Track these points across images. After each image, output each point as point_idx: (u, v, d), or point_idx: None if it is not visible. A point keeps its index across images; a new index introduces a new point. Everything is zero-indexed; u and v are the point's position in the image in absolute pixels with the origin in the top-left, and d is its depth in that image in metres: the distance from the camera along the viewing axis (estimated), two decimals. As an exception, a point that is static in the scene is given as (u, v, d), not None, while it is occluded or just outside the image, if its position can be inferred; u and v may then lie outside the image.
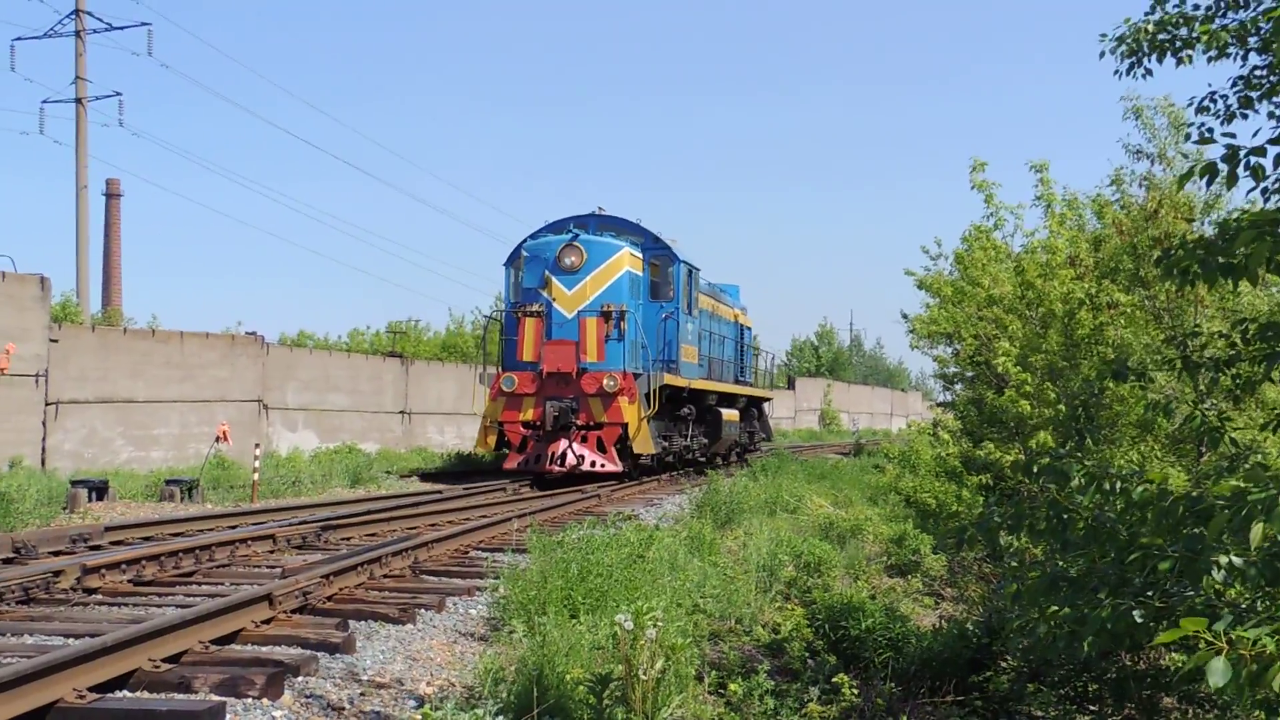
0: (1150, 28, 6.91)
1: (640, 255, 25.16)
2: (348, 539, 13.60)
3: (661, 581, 9.55)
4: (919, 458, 21.19)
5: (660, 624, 6.53)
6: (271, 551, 12.35)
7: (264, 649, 7.60)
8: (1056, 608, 5.65)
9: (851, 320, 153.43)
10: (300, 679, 6.88)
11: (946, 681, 9.90)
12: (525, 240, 25.25)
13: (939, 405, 25.04)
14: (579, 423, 22.91)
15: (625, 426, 22.79)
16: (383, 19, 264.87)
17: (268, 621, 8.25)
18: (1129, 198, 15.70)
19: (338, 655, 7.55)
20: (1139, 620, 5.14)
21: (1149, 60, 7.03)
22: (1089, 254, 15.84)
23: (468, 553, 12.76)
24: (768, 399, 38.27)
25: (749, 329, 36.99)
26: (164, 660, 6.90)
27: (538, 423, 23.12)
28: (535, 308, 23.62)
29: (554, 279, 23.73)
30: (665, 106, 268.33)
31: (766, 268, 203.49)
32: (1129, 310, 14.37)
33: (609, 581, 9.02)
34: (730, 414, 29.46)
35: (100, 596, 9.47)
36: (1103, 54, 7.16)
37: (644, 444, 22.90)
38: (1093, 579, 5.68)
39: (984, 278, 17.62)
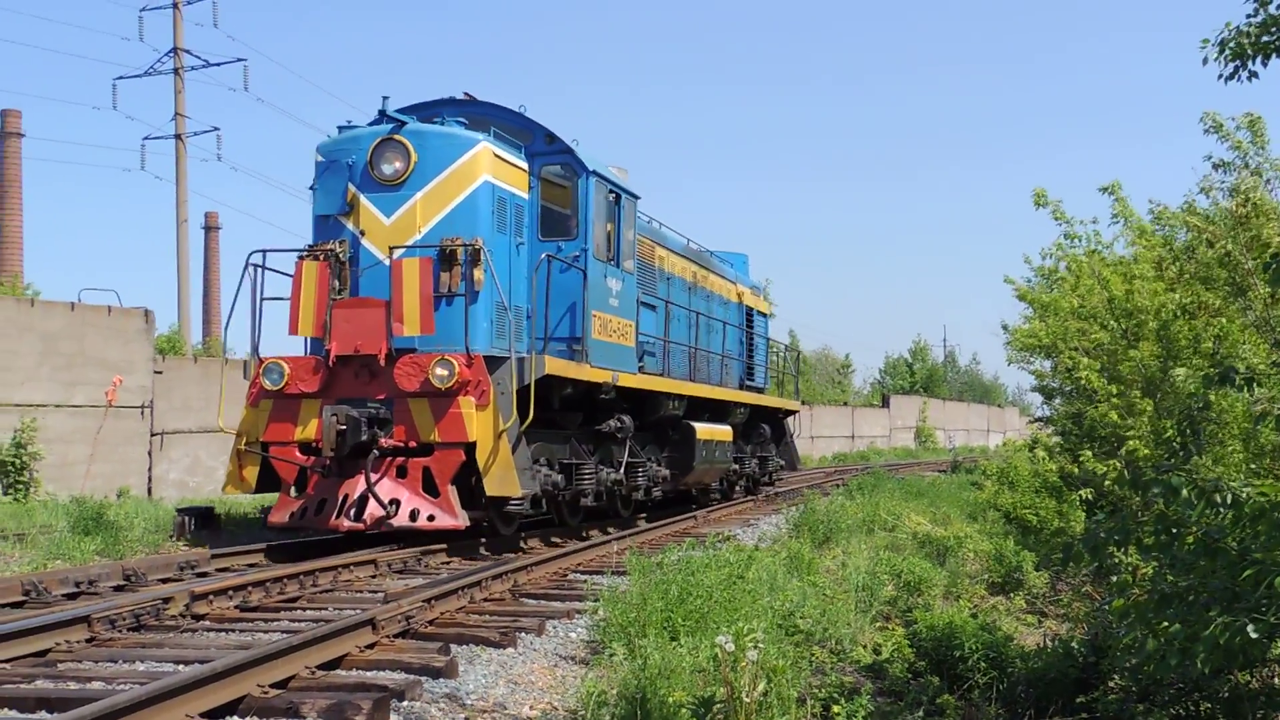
0: (1254, 29, 6.75)
1: (519, 162, 15.54)
2: (448, 563, 13.70)
3: (761, 602, 9.51)
4: (1018, 474, 20.90)
5: (761, 645, 6.50)
6: (373, 576, 12.48)
7: (369, 674, 7.69)
8: (1166, 624, 5.54)
9: (945, 336, 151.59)
10: (405, 703, 6.94)
11: (1053, 702, 9.74)
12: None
13: (1036, 420, 24.63)
14: (389, 444, 13.64)
15: (471, 449, 13.56)
16: (475, 48, 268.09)
17: (371, 646, 8.34)
18: (1219, 206, 15.33)
19: (441, 679, 7.61)
20: (1254, 636, 5.03)
21: (1253, 63, 6.87)
22: (1176, 264, 15.47)
23: (566, 575, 12.81)
24: (791, 412, 27.93)
25: (764, 316, 27.77)
26: (272, 686, 7.00)
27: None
28: (331, 246, 14.31)
29: (363, 198, 14.46)
30: (747, 129, 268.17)
31: (859, 285, 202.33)
32: (1226, 316, 14.02)
33: (709, 603, 9.01)
34: (713, 431, 20.10)
35: (208, 623, 9.63)
36: (1205, 60, 7.02)
37: (504, 479, 13.48)
38: (1204, 595, 5.57)
39: (1071, 296, 17.27)
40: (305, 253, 14.43)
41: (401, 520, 13.38)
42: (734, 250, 26.65)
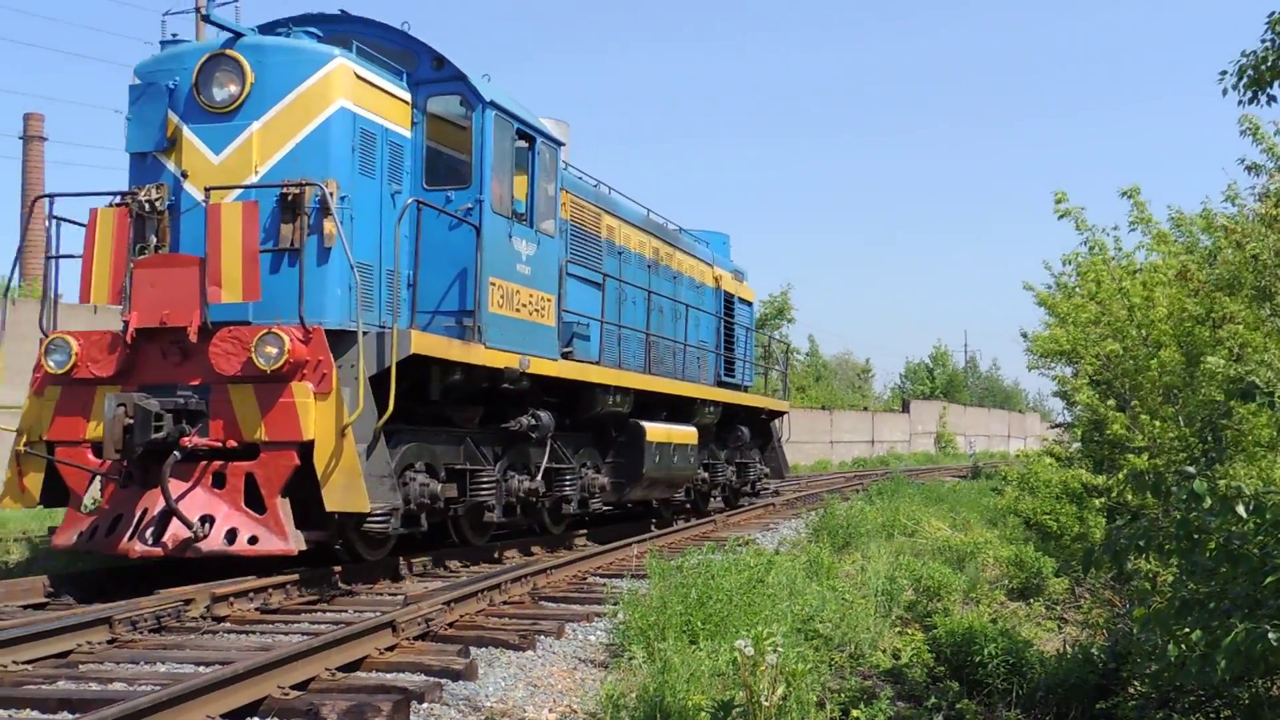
0: (1271, 55, 6.80)
1: (397, 90, 12.35)
2: (467, 565, 13.72)
3: (781, 606, 9.51)
4: (1038, 480, 20.87)
5: (780, 649, 6.51)
6: (392, 579, 12.50)
7: (389, 676, 7.70)
8: (1187, 631, 5.54)
9: (966, 341, 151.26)
10: (425, 705, 6.96)
11: (1072, 707, 9.74)
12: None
13: (1056, 426, 24.55)
14: (199, 443, 10.45)
15: (307, 450, 10.46)
16: (506, 53, 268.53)
17: (391, 648, 8.37)
18: (1244, 211, 15.27)
19: (460, 682, 7.62)
20: (1275, 643, 5.02)
21: (1271, 87, 6.92)
22: (1201, 269, 15.40)
23: (585, 579, 12.81)
24: (778, 413, 24.45)
25: (747, 304, 24.32)
26: (293, 687, 7.02)
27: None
28: (145, 192, 11.09)
29: (186, 130, 11.22)
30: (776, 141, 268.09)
31: (879, 290, 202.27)
32: (1250, 324, 13.96)
33: (729, 606, 9.01)
34: (670, 433, 16.97)
35: (229, 624, 9.65)
36: (1225, 91, 7.07)
37: (349, 490, 10.32)
38: (1225, 601, 5.56)
39: (1090, 304, 17.20)
40: (116, 200, 11.40)
41: (214, 544, 10.34)
42: (714, 229, 23.26)
